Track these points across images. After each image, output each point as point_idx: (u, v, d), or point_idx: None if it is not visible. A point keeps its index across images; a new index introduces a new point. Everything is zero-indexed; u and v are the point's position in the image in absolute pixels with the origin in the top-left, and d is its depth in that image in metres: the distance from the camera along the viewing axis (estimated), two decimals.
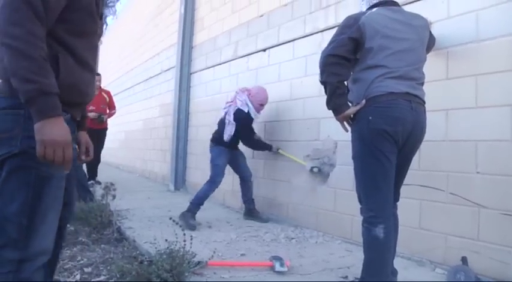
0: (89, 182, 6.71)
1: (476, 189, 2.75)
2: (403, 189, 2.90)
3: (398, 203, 2.52)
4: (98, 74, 6.60)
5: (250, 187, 4.65)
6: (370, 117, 2.26)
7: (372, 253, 2.28)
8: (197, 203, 4.28)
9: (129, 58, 11.44)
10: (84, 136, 1.83)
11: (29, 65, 1.31)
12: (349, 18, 2.43)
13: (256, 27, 5.23)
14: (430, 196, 3.01)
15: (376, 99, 2.27)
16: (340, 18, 3.86)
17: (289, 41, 4.61)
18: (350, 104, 2.41)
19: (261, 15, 5.15)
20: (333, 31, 3.85)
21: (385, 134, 2.24)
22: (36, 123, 1.34)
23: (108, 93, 7.27)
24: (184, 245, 2.66)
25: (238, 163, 4.65)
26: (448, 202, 2.90)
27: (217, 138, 4.51)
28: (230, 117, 4.38)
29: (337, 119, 2.42)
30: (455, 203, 2.85)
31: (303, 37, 4.40)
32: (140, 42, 10.50)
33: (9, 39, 1.30)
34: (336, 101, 2.36)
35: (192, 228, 3.92)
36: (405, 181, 3.12)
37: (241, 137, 4.44)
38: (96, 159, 6.94)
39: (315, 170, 4.07)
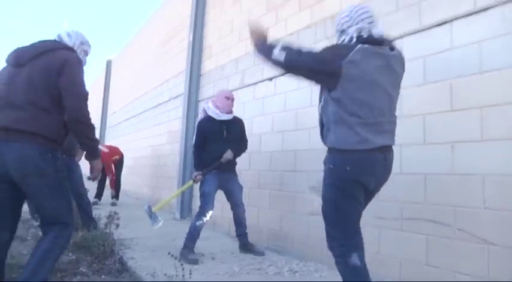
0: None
1: (484, 225, 2.67)
2: (409, 224, 2.85)
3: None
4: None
5: (243, 222, 4.48)
6: (348, 168, 2.25)
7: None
8: (190, 237, 4.14)
9: (140, 84, 11.57)
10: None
11: (94, 133, 2.58)
12: (341, 46, 2.30)
13: None
14: (437, 231, 2.92)
15: (355, 152, 2.24)
16: None
17: None
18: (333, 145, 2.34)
19: None
20: None
21: (359, 184, 2.28)
22: (94, 161, 2.64)
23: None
24: (183, 278, 2.60)
25: (232, 192, 4.45)
26: (456, 238, 2.81)
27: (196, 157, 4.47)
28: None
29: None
30: (463, 239, 2.76)
31: None
32: (150, 68, 10.63)
33: (87, 120, 2.45)
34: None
35: (194, 262, 3.80)
36: (411, 215, 3.08)
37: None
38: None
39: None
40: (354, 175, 2.25)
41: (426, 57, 3.14)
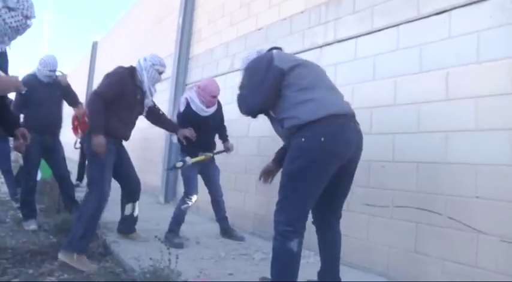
0: None
1: (475, 214, 2.66)
2: (399, 211, 2.83)
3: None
4: None
5: (222, 206, 4.47)
6: (323, 139, 2.25)
7: (284, 266, 2.30)
8: (175, 221, 4.09)
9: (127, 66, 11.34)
10: None
11: (95, 115, 3.44)
12: (259, 60, 2.62)
13: (254, 40, 5.17)
14: (427, 219, 2.91)
15: (328, 121, 2.29)
16: (339, 34, 3.84)
17: None
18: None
19: (259, 29, 5.09)
20: (332, 47, 3.90)
21: (335, 156, 2.31)
22: (92, 136, 3.35)
23: None
24: (169, 263, 2.53)
25: (211, 177, 4.41)
26: (446, 226, 2.80)
27: (183, 145, 4.24)
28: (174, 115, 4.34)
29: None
30: (453, 228, 2.76)
31: (301, 52, 4.32)
32: (137, 50, 10.40)
33: (91, 105, 3.46)
34: None
35: (179, 246, 3.77)
36: (401, 203, 3.06)
37: None
38: None
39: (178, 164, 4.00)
40: (331, 146, 2.26)
41: (423, 45, 3.10)
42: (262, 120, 4.68)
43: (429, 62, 3.04)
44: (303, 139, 2.29)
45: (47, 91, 4.46)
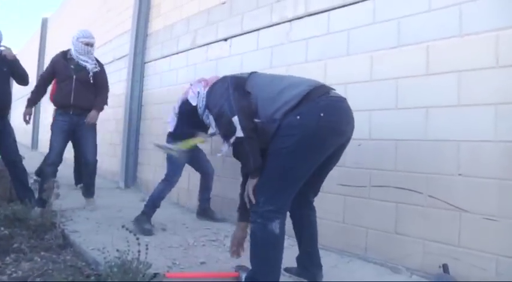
0: None
1: (457, 192, 2.59)
2: (377, 191, 2.83)
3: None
4: None
5: (210, 185, 4.35)
6: (322, 114, 2.07)
7: (266, 252, 2.15)
8: (152, 205, 3.88)
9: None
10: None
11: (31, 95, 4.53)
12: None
13: (217, 15, 4.90)
14: (407, 199, 2.83)
15: (319, 91, 2.16)
16: (310, 7, 3.65)
17: (253, 31, 4.32)
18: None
19: (223, 3, 4.82)
20: (303, 21, 3.71)
21: (335, 133, 2.16)
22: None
23: None
24: (139, 254, 2.30)
25: (198, 159, 4.28)
26: (427, 205, 2.73)
27: (174, 137, 4.03)
28: (175, 110, 4.03)
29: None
30: (435, 207, 2.69)
31: (268, 27, 4.12)
32: (92, 27, 9.80)
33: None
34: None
35: (148, 233, 3.57)
36: (381, 182, 2.96)
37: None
38: None
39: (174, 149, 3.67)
40: (331, 121, 2.09)
41: (401, 19, 2.96)
42: None
43: (408, 35, 2.91)
44: (298, 117, 2.07)
45: None
